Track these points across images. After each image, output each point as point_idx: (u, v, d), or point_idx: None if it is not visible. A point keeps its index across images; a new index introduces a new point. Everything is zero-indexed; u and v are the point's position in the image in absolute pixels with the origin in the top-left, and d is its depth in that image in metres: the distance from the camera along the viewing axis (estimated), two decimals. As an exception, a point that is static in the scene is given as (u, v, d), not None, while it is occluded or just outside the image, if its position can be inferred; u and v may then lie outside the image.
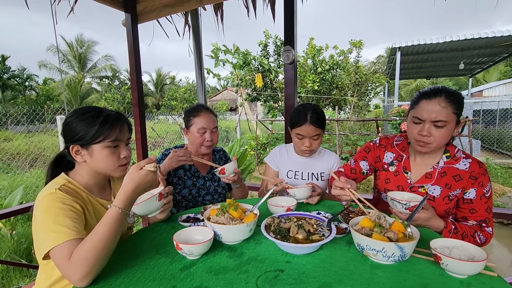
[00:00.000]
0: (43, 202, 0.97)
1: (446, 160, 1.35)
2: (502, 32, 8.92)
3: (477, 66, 14.17)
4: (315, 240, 0.99)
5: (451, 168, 1.34)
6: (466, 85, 21.93)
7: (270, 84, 10.69)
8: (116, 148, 1.12)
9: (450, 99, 1.21)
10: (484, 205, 1.28)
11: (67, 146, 1.09)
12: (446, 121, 1.22)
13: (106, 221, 0.91)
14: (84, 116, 1.08)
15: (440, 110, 1.21)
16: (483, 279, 0.83)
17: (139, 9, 2.71)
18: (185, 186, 1.74)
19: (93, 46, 25.59)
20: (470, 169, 1.30)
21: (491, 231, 1.28)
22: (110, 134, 1.08)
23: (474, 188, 1.29)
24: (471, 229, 1.25)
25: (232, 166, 1.60)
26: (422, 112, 1.25)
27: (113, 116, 1.11)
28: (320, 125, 1.62)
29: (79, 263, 0.84)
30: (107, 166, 1.11)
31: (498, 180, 6.99)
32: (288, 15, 2.19)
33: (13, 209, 2.06)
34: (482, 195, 1.28)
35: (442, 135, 1.24)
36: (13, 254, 3.08)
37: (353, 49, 11.31)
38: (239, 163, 5.47)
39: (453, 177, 1.32)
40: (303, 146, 1.66)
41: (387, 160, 1.50)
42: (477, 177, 1.29)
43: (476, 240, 1.24)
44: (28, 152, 7.63)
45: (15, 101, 19.56)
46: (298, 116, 1.63)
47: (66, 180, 1.09)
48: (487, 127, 11.02)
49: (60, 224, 0.92)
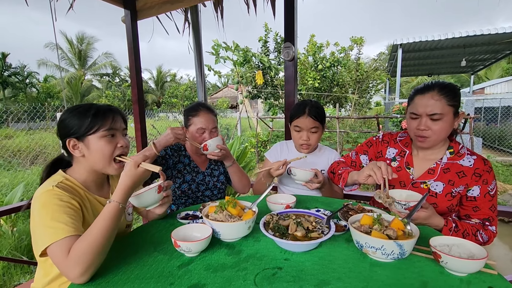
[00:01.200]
0: (40, 199, 0.97)
1: (450, 156, 1.34)
2: (504, 29, 8.85)
3: (479, 63, 14.09)
4: (314, 238, 0.98)
5: (454, 164, 1.33)
6: (468, 82, 21.81)
7: (270, 81, 10.65)
8: (113, 138, 1.12)
9: (443, 91, 1.24)
10: (488, 203, 1.27)
11: (64, 141, 1.09)
12: (441, 114, 1.23)
13: (104, 216, 0.92)
14: (76, 111, 1.10)
15: (434, 103, 1.23)
16: (483, 277, 0.82)
17: (138, 5, 2.70)
18: (184, 181, 1.73)
19: (93, 43, 25.58)
20: (474, 166, 1.29)
21: (494, 230, 1.27)
22: (103, 124, 1.09)
23: (478, 185, 1.27)
24: (473, 228, 1.24)
25: (215, 142, 1.60)
26: (417, 107, 1.28)
27: (104, 107, 1.13)
28: (318, 118, 1.63)
29: (77, 259, 0.84)
30: (104, 157, 1.10)
31: (500, 177, 6.97)
32: (288, 12, 2.17)
33: (14, 206, 2.07)
34: (487, 193, 1.27)
35: (440, 128, 1.25)
36: (14, 251, 3.10)
37: (354, 46, 11.23)
38: (240, 161, 5.46)
39: (457, 174, 1.31)
40: (301, 140, 1.66)
41: (389, 155, 1.50)
42: (482, 175, 1.27)
43: (478, 239, 1.23)
44: (29, 149, 7.65)
45: (16, 99, 19.58)
46: (297, 109, 1.67)
47: (64, 177, 1.09)
48: (488, 125, 10.98)
49: (57, 221, 0.92)
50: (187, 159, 1.77)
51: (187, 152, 1.79)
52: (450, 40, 9.75)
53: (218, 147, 1.62)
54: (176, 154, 1.75)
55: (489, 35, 9.13)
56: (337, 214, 1.22)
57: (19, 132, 9.21)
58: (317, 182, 1.50)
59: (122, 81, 26.21)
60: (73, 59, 24.82)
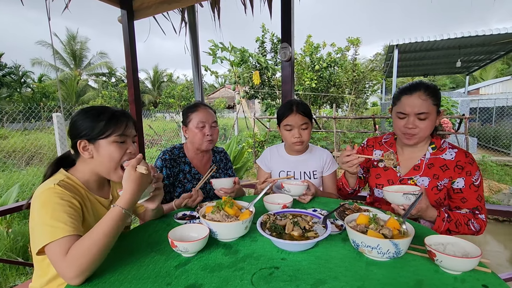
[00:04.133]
0: (41, 197, 0.97)
1: (432, 151, 1.41)
2: (499, 30, 8.94)
3: (474, 64, 14.21)
4: (311, 237, 0.99)
5: (437, 158, 1.39)
6: (463, 83, 22.00)
7: (267, 81, 10.67)
8: (123, 144, 1.12)
9: (428, 91, 1.30)
10: (475, 193, 1.33)
11: (75, 142, 1.09)
12: (428, 113, 1.30)
13: (107, 220, 0.91)
14: (90, 113, 1.10)
15: (422, 103, 1.29)
16: (477, 275, 0.83)
17: (135, 5, 2.69)
18: (185, 190, 1.70)
19: (89, 43, 25.42)
20: (456, 159, 1.36)
21: (484, 218, 1.32)
22: (117, 129, 1.09)
23: (462, 177, 1.33)
24: (465, 217, 1.29)
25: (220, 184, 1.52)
26: (405, 106, 1.33)
27: (120, 112, 1.14)
28: (307, 114, 1.67)
29: (75, 260, 0.84)
30: (112, 161, 1.10)
31: (494, 177, 7.04)
32: (285, 12, 2.18)
33: (9, 207, 2.05)
34: (471, 184, 1.32)
35: (426, 126, 1.32)
36: (9, 252, 3.07)
37: (350, 46, 11.28)
38: (237, 161, 5.46)
39: (440, 168, 1.37)
40: (293, 138, 1.67)
41: (376, 157, 1.57)
42: (464, 167, 1.34)
43: (470, 228, 1.28)
44: (24, 150, 7.58)
45: (11, 99, 19.39)
46: (284, 108, 1.69)
47: (65, 176, 1.09)
48: (483, 125, 11.09)
49: (57, 220, 0.91)
50: (188, 166, 1.74)
51: (187, 158, 1.75)
52: (446, 41, 9.84)
53: (221, 189, 1.51)
54: (176, 163, 1.71)
55: (483, 36, 9.21)
56: (333, 213, 1.23)
57: (14, 133, 9.12)
58: (310, 195, 1.50)
59: (118, 81, 26.05)
60: (68, 59, 24.62)
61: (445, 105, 7.28)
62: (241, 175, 5.55)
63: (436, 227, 1.26)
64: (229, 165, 1.94)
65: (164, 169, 1.65)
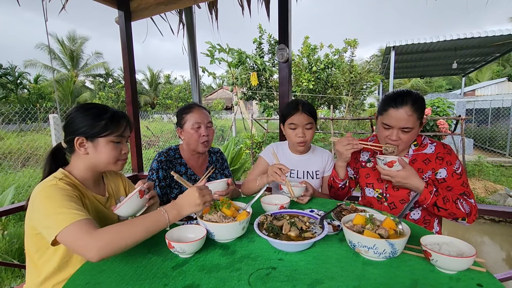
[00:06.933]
0: (44, 192, 0.97)
1: (415, 148, 1.47)
2: (494, 32, 9.02)
3: (469, 66, 14.32)
4: (308, 238, 1.00)
5: (420, 154, 1.45)
6: (459, 84, 22.18)
7: (265, 83, 10.70)
8: (119, 144, 1.16)
9: (415, 107, 1.32)
10: (458, 181, 1.37)
11: (71, 138, 1.09)
12: (412, 128, 1.34)
13: (152, 219, 0.95)
14: (91, 110, 1.12)
15: (407, 119, 1.32)
16: (472, 274, 0.84)
17: (132, 6, 2.69)
18: (181, 191, 1.69)
19: (86, 44, 25.27)
20: (436, 151, 1.42)
21: (473, 202, 1.34)
22: (116, 130, 1.13)
23: (444, 167, 1.38)
24: (454, 196, 1.31)
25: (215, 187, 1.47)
26: (390, 119, 1.36)
27: (120, 113, 1.17)
28: (312, 114, 1.67)
29: (106, 235, 0.87)
30: (109, 159, 1.13)
31: (490, 178, 7.09)
32: (282, 13, 2.19)
33: (5, 209, 2.03)
34: (453, 172, 1.37)
35: (409, 138, 1.38)
36: (4, 255, 3.05)
37: (347, 48, 11.35)
38: (235, 162, 5.46)
39: (423, 162, 1.43)
40: (297, 137, 1.67)
41: (363, 158, 1.63)
42: (444, 157, 1.39)
43: (458, 207, 1.28)
44: (20, 151, 7.52)
45: (7, 100, 19.25)
46: (289, 107, 1.70)
47: (64, 174, 1.10)
48: (479, 126, 11.17)
49: (67, 207, 0.93)
50: (184, 167, 1.73)
51: (183, 159, 1.75)
52: (442, 43, 9.90)
53: (216, 193, 1.48)
54: (172, 165, 1.70)
55: (479, 38, 9.29)
56: (330, 214, 1.24)
57: (10, 134, 9.05)
58: (308, 196, 1.50)
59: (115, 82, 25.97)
60: (65, 60, 24.46)
61: (441, 107, 7.33)
62: (238, 176, 5.56)
63: (423, 198, 1.27)
64: (225, 165, 1.94)
65: (160, 171, 1.65)
